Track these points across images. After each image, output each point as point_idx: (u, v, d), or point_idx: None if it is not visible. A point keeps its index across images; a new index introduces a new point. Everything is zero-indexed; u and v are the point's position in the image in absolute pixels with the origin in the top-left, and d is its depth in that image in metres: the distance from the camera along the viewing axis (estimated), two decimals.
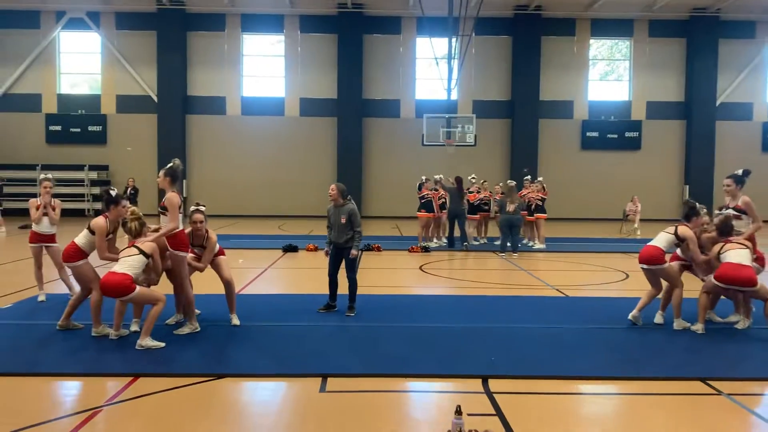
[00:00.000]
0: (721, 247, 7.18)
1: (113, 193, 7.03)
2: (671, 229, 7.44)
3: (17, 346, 6.49)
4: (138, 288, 6.39)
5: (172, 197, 6.82)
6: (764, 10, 27.12)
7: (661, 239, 7.41)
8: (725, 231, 7.25)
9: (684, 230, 7.35)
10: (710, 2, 26.60)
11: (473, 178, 17.47)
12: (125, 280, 6.30)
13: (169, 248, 6.86)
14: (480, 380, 5.50)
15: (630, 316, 7.49)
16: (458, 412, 4.11)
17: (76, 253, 6.79)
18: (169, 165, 7.08)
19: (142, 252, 6.50)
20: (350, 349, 6.42)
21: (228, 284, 7.39)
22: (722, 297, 7.82)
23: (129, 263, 6.44)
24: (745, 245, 7.14)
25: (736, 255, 7.03)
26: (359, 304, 8.19)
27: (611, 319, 7.76)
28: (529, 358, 6.18)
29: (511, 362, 5.99)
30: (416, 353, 6.28)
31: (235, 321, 7.33)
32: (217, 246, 7.45)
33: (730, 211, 7.50)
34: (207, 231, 7.33)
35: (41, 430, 4.42)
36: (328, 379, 5.51)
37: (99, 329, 6.72)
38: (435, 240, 16.39)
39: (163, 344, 6.33)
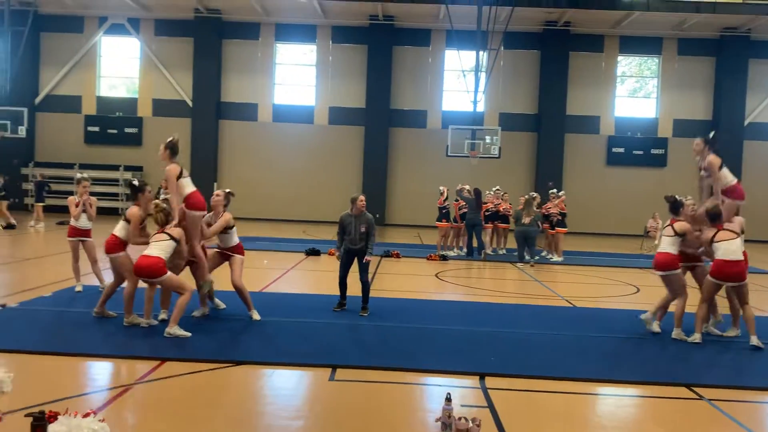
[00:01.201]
0: (715, 234, 7.46)
1: (136, 183, 7.68)
2: (668, 230, 7.77)
3: (57, 330, 7.11)
4: (168, 272, 6.99)
5: (169, 169, 7.43)
6: None
7: (667, 243, 7.73)
8: (715, 218, 7.51)
9: (680, 225, 7.71)
10: (741, 22, 26.58)
11: (498, 189, 17.80)
12: (159, 262, 6.93)
13: (185, 208, 7.42)
14: (477, 377, 5.93)
15: (643, 317, 7.83)
16: (448, 399, 4.55)
17: (117, 245, 7.40)
18: (169, 139, 7.64)
19: (171, 237, 7.11)
20: (360, 345, 6.89)
21: (236, 288, 7.88)
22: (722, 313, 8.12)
23: (160, 247, 7.06)
24: (736, 233, 7.44)
25: (728, 247, 7.35)
26: (373, 306, 8.66)
27: (612, 329, 8.11)
28: (525, 359, 6.58)
29: (509, 362, 6.41)
30: (421, 351, 6.72)
31: (256, 316, 7.84)
32: (235, 237, 8.00)
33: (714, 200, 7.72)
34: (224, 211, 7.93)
35: (78, 402, 4.95)
36: (338, 369, 5.99)
37: (131, 318, 7.28)
38: (455, 249, 16.77)
39: (189, 334, 6.87)
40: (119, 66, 29.07)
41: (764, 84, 27.89)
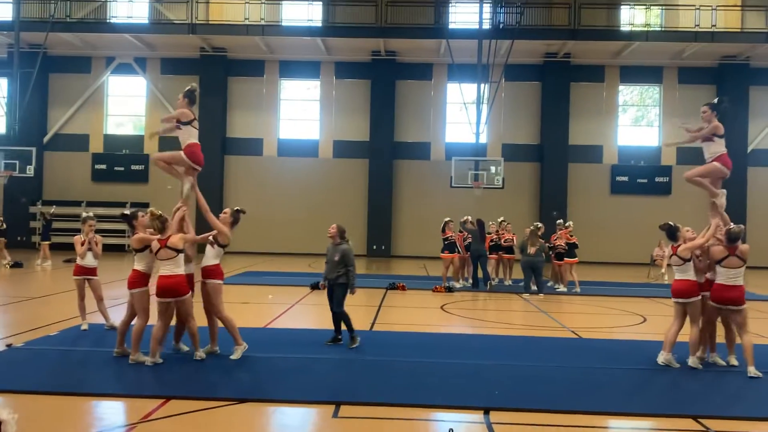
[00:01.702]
0: (725, 258, 7.48)
1: (127, 212, 7.84)
2: (674, 259, 7.75)
3: (62, 369, 7.13)
4: (189, 294, 7.25)
5: (182, 108, 7.65)
6: None
7: (681, 270, 7.71)
8: (733, 240, 7.53)
9: (681, 250, 7.70)
10: (740, 50, 26.84)
11: (503, 220, 17.86)
12: (183, 281, 7.21)
13: (184, 153, 7.64)
14: (482, 412, 5.90)
15: (690, 362, 7.71)
16: None
17: (139, 280, 7.40)
18: (187, 88, 7.80)
19: (175, 250, 7.22)
20: (363, 380, 6.88)
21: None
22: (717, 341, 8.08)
23: (175, 264, 7.21)
24: (743, 260, 7.49)
25: (730, 275, 7.44)
26: (378, 340, 8.66)
27: (618, 360, 8.08)
28: (530, 393, 6.55)
29: (513, 396, 6.38)
30: (425, 385, 6.70)
31: (200, 354, 7.54)
32: (215, 259, 7.83)
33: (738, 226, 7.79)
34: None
35: None
36: (342, 406, 5.98)
37: (136, 356, 7.29)
38: (460, 281, 16.74)
39: (160, 360, 7.14)
40: (126, 104, 29.56)
41: (765, 111, 28.05)
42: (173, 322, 7.62)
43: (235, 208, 8.19)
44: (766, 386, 7.00)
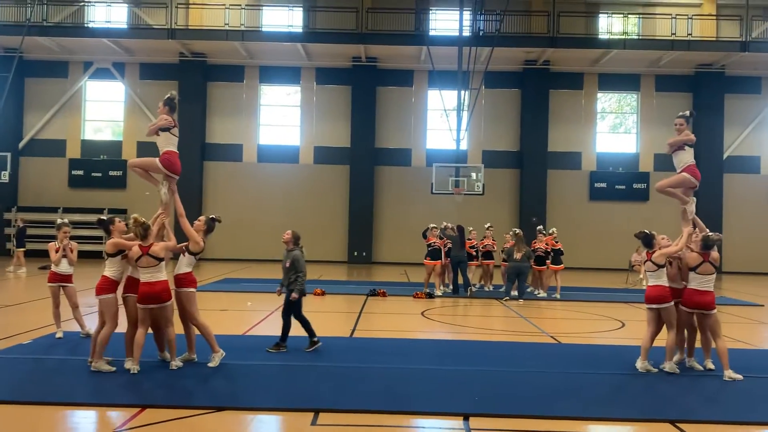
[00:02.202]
0: (700, 264, 7.60)
1: (104, 217, 7.74)
2: (649, 265, 7.86)
3: (34, 378, 6.99)
4: (170, 301, 7.25)
5: (163, 115, 7.68)
6: None
7: (655, 276, 7.79)
8: (708, 247, 7.63)
9: (656, 257, 7.79)
10: (716, 58, 27.27)
11: (490, 226, 17.85)
12: (166, 288, 7.21)
13: (159, 161, 7.59)
14: (461, 418, 5.88)
15: (667, 368, 7.75)
16: None
17: (108, 286, 7.30)
18: (167, 95, 7.80)
19: (157, 258, 7.19)
20: (342, 387, 6.82)
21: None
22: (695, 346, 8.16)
23: (155, 271, 7.17)
24: (715, 267, 7.65)
25: (704, 280, 7.59)
26: (358, 347, 8.62)
27: (597, 365, 8.11)
28: (510, 398, 6.55)
29: (493, 402, 6.37)
30: (404, 392, 6.67)
31: (177, 363, 7.47)
32: (187, 267, 7.71)
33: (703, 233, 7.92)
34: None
35: None
36: (320, 413, 5.92)
37: (99, 364, 7.11)
38: (441, 287, 16.70)
39: (113, 369, 7.07)
40: (104, 110, 29.25)
41: (740, 118, 28.51)
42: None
43: (210, 216, 8.05)
44: (743, 390, 7.07)
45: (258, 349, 8.62)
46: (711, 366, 7.91)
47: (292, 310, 8.65)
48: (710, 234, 7.76)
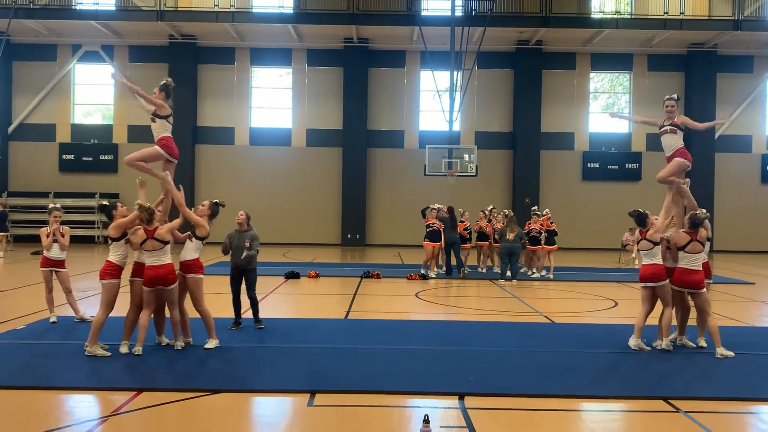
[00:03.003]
0: (688, 243, 7.65)
1: (106, 202, 7.74)
2: (643, 243, 7.89)
3: (29, 363, 6.97)
4: (176, 284, 7.33)
5: (160, 100, 7.68)
6: (761, 45, 27.71)
7: (650, 255, 7.82)
8: (696, 225, 7.70)
9: (650, 234, 7.84)
10: (708, 37, 27.19)
11: (493, 209, 17.83)
12: (172, 270, 7.27)
13: (156, 145, 7.66)
14: (456, 397, 5.93)
15: (664, 345, 7.82)
16: (426, 421, 4.54)
17: (112, 271, 7.28)
18: (163, 81, 7.82)
19: (162, 241, 7.23)
20: (338, 368, 6.85)
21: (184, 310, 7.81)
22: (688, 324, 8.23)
23: (161, 254, 7.22)
24: (703, 245, 7.69)
25: (693, 259, 7.66)
26: (353, 328, 8.65)
27: (590, 343, 8.18)
28: (505, 378, 6.61)
29: (488, 381, 6.43)
30: (400, 372, 6.71)
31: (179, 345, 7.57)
32: (194, 253, 7.69)
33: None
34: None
35: None
36: (317, 394, 5.95)
37: (93, 349, 7.11)
38: (436, 268, 16.71)
39: (108, 354, 7.07)
40: (94, 93, 28.95)
41: (732, 98, 28.51)
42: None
43: (214, 201, 8.09)
44: (733, 366, 7.15)
45: (254, 331, 8.64)
46: (703, 344, 7.99)
47: (252, 287, 8.90)
48: (697, 212, 7.79)
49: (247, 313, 9.15)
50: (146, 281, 7.21)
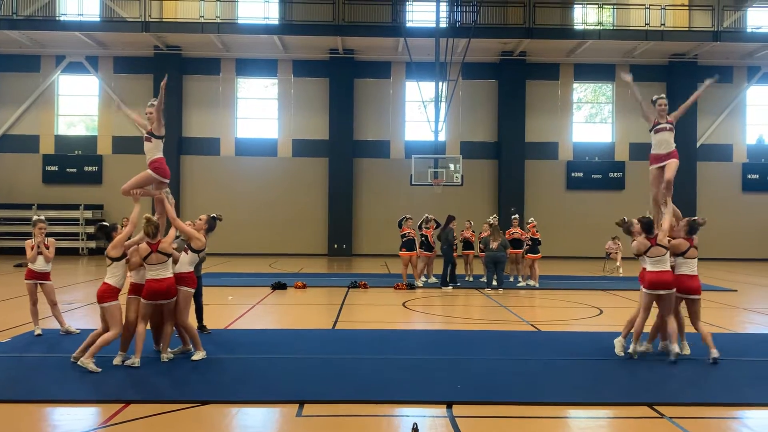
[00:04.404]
0: (686, 250, 7.71)
1: (106, 223, 7.67)
2: (656, 250, 7.73)
3: (14, 377, 6.91)
4: (176, 297, 7.37)
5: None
6: (740, 56, 28.21)
7: (663, 261, 7.70)
8: (692, 231, 7.78)
9: (660, 238, 7.75)
10: (689, 48, 27.63)
11: (494, 217, 17.71)
12: (172, 284, 7.30)
13: (149, 168, 7.70)
14: (444, 406, 5.96)
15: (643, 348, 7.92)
16: (415, 429, 4.57)
17: (111, 294, 7.17)
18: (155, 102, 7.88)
19: (166, 254, 7.27)
20: (326, 378, 6.86)
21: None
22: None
23: (162, 268, 7.25)
24: (664, 249, 7.71)
25: (690, 265, 7.72)
26: (340, 338, 8.67)
27: (576, 351, 8.24)
28: (492, 386, 6.64)
29: (475, 390, 6.46)
30: (388, 382, 6.73)
31: (198, 356, 7.59)
32: (188, 266, 7.73)
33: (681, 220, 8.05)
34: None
35: None
36: (305, 405, 5.96)
37: (87, 361, 6.98)
38: (424, 278, 16.76)
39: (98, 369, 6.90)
40: (78, 104, 28.83)
41: (713, 107, 28.95)
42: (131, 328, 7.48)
43: (212, 215, 8.29)
44: (717, 372, 7.24)
45: (241, 342, 8.63)
46: (687, 351, 8.05)
47: (200, 292, 8.96)
48: (696, 218, 7.91)
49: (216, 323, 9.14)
50: (147, 294, 7.20)
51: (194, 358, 7.49)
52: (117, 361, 7.18)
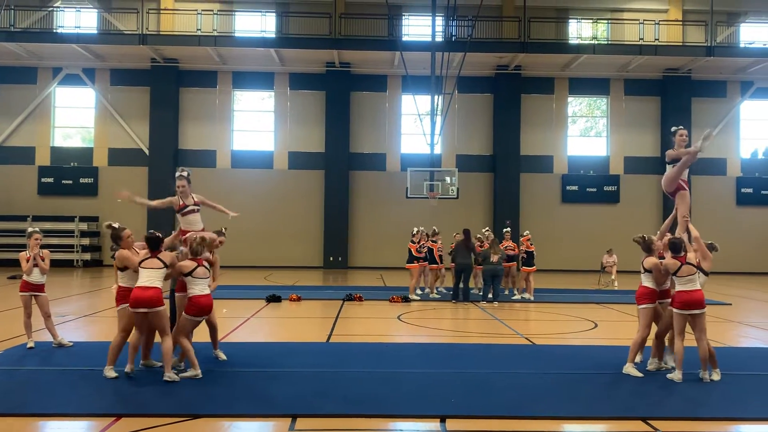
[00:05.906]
0: (678, 269, 7.57)
1: (116, 225, 7.68)
2: (686, 269, 7.63)
3: (7, 389, 6.87)
4: (164, 306, 7.21)
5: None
6: (734, 71, 28.42)
7: (693, 281, 7.64)
8: (676, 249, 7.66)
9: (690, 257, 7.71)
10: (682, 63, 27.85)
11: (486, 230, 17.64)
12: (159, 294, 7.17)
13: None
14: (438, 420, 5.94)
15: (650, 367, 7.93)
16: None
17: (127, 296, 7.31)
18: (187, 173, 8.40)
19: (163, 263, 7.29)
20: (320, 392, 6.83)
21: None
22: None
23: (155, 276, 7.21)
24: (694, 265, 7.62)
25: (687, 281, 7.55)
26: (335, 351, 8.63)
27: (570, 365, 8.24)
28: (486, 400, 6.63)
29: (470, 403, 6.44)
30: (381, 395, 6.71)
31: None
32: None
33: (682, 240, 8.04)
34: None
35: None
36: (298, 419, 5.93)
37: (109, 371, 7.19)
38: (417, 290, 16.69)
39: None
40: (74, 116, 28.86)
41: (706, 122, 29.02)
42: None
43: (217, 231, 9.06)
44: (712, 386, 7.24)
45: (235, 355, 8.59)
46: (673, 364, 7.95)
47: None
48: (671, 237, 7.88)
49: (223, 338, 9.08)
50: (132, 302, 7.15)
51: (184, 375, 7.37)
52: (110, 374, 7.16)
